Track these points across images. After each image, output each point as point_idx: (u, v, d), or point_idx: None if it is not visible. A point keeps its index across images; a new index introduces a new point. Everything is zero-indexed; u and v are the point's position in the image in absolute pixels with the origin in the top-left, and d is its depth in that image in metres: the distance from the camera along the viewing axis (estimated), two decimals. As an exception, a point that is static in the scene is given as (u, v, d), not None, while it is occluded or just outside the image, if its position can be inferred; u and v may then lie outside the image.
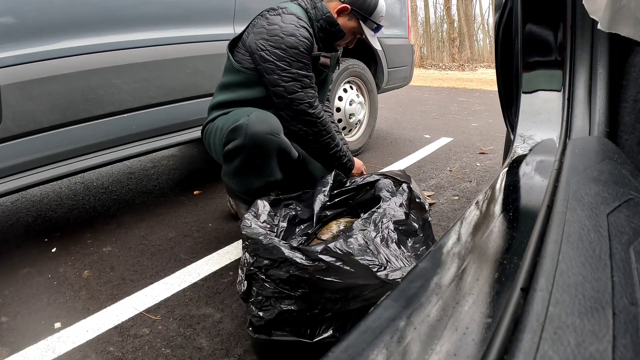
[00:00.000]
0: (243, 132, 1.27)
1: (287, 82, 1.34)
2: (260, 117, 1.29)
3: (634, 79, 0.79)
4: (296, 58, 1.34)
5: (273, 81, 1.35)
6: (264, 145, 1.29)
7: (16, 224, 1.95)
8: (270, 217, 1.16)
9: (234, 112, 1.41)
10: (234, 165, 1.33)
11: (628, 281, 0.36)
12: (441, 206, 2.00)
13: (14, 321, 1.27)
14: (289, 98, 1.35)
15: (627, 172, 0.62)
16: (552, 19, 0.99)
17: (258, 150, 1.29)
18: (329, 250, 0.91)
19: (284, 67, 1.33)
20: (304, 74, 1.36)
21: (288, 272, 0.92)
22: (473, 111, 4.73)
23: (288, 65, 1.33)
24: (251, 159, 1.31)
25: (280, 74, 1.34)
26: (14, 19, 1.38)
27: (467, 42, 16.87)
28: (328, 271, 0.90)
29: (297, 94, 1.35)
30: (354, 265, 0.91)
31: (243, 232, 1.03)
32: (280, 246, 0.94)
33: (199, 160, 2.95)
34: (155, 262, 1.56)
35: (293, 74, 1.34)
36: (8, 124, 1.40)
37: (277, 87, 1.35)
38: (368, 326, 0.36)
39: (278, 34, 1.33)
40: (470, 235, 0.54)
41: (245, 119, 1.28)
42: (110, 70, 1.63)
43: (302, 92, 1.35)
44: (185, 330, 1.19)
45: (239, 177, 1.36)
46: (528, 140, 0.93)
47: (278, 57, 1.33)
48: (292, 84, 1.34)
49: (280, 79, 1.34)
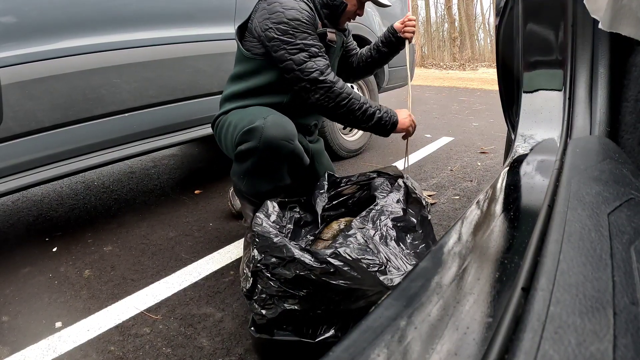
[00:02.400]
0: (258, 135, 1.25)
1: (294, 55, 1.32)
2: (277, 122, 1.28)
3: (635, 78, 0.79)
4: (299, 29, 1.32)
5: (281, 57, 1.33)
6: (278, 151, 1.27)
7: (17, 224, 1.95)
8: (279, 219, 1.17)
9: (250, 110, 1.38)
10: (245, 166, 1.32)
11: (629, 281, 0.36)
12: (442, 205, 2.00)
13: (14, 320, 1.27)
14: (298, 69, 1.33)
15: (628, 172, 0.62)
16: (553, 18, 0.99)
17: (271, 155, 1.28)
18: (338, 254, 0.92)
19: (288, 40, 1.32)
20: (310, 43, 1.34)
21: (294, 272, 0.93)
22: (474, 110, 4.73)
23: (292, 37, 1.32)
24: (263, 162, 1.29)
25: (286, 47, 1.32)
26: (15, 19, 1.38)
27: (468, 42, 16.86)
28: (335, 274, 0.91)
29: (305, 64, 1.32)
30: (361, 271, 0.92)
31: (254, 229, 1.04)
32: (290, 246, 0.95)
33: (199, 159, 2.95)
34: (156, 262, 1.56)
35: (298, 45, 1.32)
36: (9, 123, 1.40)
37: (286, 62, 1.33)
38: (369, 325, 0.36)
39: (278, 10, 1.32)
40: (471, 235, 0.54)
41: (261, 121, 1.26)
42: (111, 70, 1.63)
43: (310, 61, 1.33)
44: (186, 329, 1.19)
45: (248, 178, 1.34)
46: (529, 139, 0.93)
47: (282, 31, 1.31)
48: (299, 55, 1.32)
49: (286, 52, 1.32)
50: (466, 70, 11.89)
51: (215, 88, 2.03)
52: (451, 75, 10.08)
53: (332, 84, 1.34)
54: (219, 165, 2.77)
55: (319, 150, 1.66)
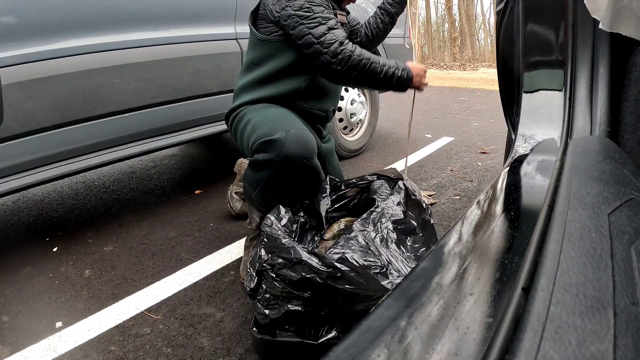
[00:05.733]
0: (278, 149, 1.23)
1: (312, 28, 1.32)
2: (298, 137, 1.25)
3: (636, 78, 0.79)
4: (315, 2, 1.33)
5: (300, 32, 1.33)
6: (296, 167, 1.26)
7: (17, 224, 1.95)
8: (290, 223, 1.18)
9: (272, 113, 1.36)
10: (259, 176, 1.30)
11: (629, 281, 0.36)
12: (442, 206, 2.00)
13: (15, 320, 1.27)
14: (318, 42, 1.32)
15: (629, 172, 0.62)
16: (553, 18, 0.99)
17: (288, 171, 1.26)
18: (345, 260, 0.93)
19: (306, 14, 1.32)
20: (327, 16, 1.34)
21: (300, 274, 0.93)
22: (474, 110, 4.73)
23: (309, 11, 1.32)
24: (279, 176, 1.27)
25: (305, 22, 1.32)
26: (15, 19, 1.38)
27: (469, 42, 16.86)
28: (341, 279, 0.92)
29: (325, 36, 1.32)
30: (367, 277, 0.93)
31: (263, 229, 1.05)
32: (299, 248, 0.96)
33: (200, 159, 2.95)
34: (156, 262, 1.56)
35: (316, 18, 1.32)
36: (9, 123, 1.40)
37: (306, 36, 1.33)
38: (369, 326, 0.36)
39: None
40: (472, 235, 0.54)
41: (283, 134, 1.23)
42: (111, 70, 1.63)
43: (329, 33, 1.32)
44: (186, 329, 1.19)
45: (261, 189, 1.32)
46: (529, 139, 0.93)
47: (298, 6, 1.32)
48: (317, 28, 1.32)
49: (305, 27, 1.32)
50: (467, 70, 11.89)
51: (215, 88, 2.03)
52: (451, 75, 10.08)
53: (351, 53, 1.33)
54: (220, 166, 2.77)
55: (329, 151, 1.65)
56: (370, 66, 1.35)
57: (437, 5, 23.24)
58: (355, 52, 1.34)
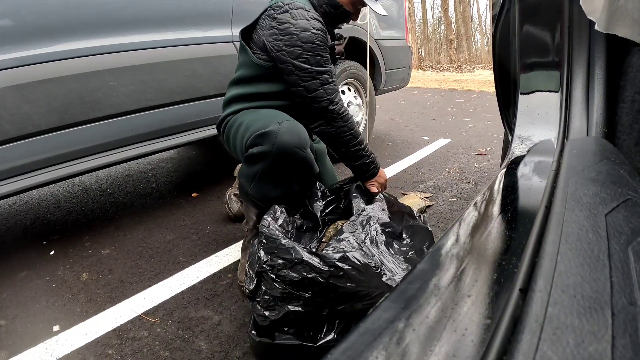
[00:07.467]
0: (272, 140, 1.25)
1: (306, 82, 1.32)
2: (291, 128, 1.27)
3: (632, 79, 0.79)
4: (313, 52, 1.32)
5: (293, 82, 1.34)
6: (290, 157, 1.27)
7: (14, 227, 1.94)
8: (286, 223, 1.18)
9: (263, 112, 1.38)
10: (255, 169, 1.31)
11: (627, 281, 0.36)
12: (439, 207, 2.01)
13: (12, 324, 1.26)
14: (309, 97, 1.34)
15: (625, 173, 0.62)
16: (549, 20, 0.99)
17: (283, 161, 1.28)
18: (346, 258, 0.93)
19: (301, 65, 1.31)
20: (322, 70, 1.34)
21: (301, 274, 0.93)
22: (471, 112, 4.74)
23: (306, 62, 1.31)
24: (274, 167, 1.29)
25: (299, 74, 1.32)
26: (12, 22, 1.38)
27: (465, 44, 16.92)
28: (343, 278, 0.92)
29: (316, 92, 1.33)
30: (369, 275, 0.93)
31: (261, 230, 1.05)
32: (299, 248, 0.96)
33: (197, 162, 2.94)
34: (153, 265, 1.56)
35: (311, 73, 1.32)
36: (6, 126, 1.39)
37: (297, 87, 1.34)
38: (367, 328, 0.36)
39: (291, 32, 1.31)
40: (469, 237, 0.54)
41: (276, 126, 1.26)
42: (108, 73, 1.63)
43: (321, 89, 1.34)
44: (184, 332, 1.19)
45: (257, 182, 1.33)
46: (526, 141, 0.93)
47: (295, 55, 1.31)
48: (311, 82, 1.33)
49: (299, 79, 1.32)
50: (463, 72, 11.92)
51: (212, 91, 2.02)
52: (448, 77, 10.11)
53: (337, 115, 1.38)
54: (217, 168, 2.77)
55: (321, 151, 1.66)
56: (347, 136, 1.41)
57: (433, 7, 23.34)
58: (343, 116, 1.39)
